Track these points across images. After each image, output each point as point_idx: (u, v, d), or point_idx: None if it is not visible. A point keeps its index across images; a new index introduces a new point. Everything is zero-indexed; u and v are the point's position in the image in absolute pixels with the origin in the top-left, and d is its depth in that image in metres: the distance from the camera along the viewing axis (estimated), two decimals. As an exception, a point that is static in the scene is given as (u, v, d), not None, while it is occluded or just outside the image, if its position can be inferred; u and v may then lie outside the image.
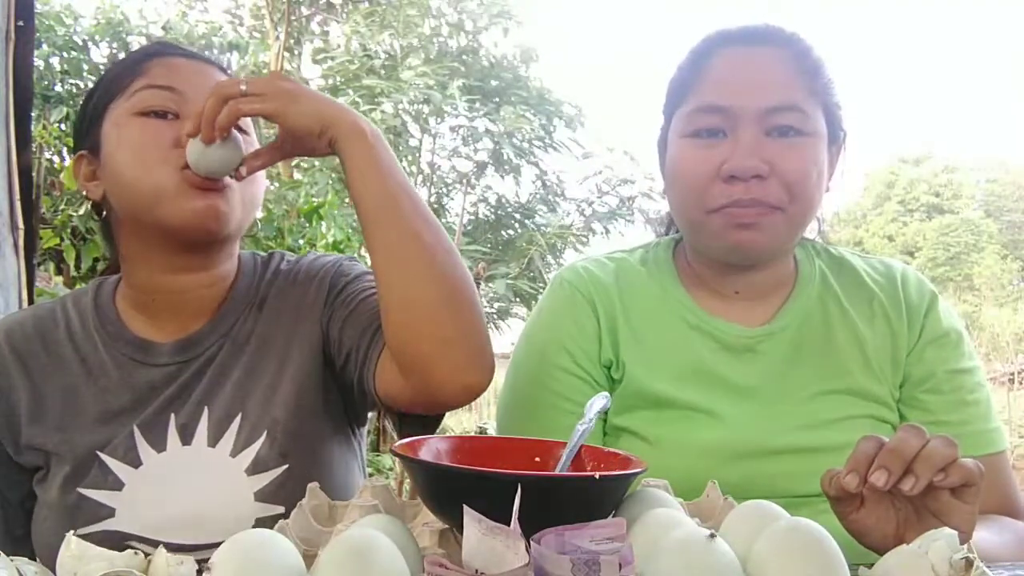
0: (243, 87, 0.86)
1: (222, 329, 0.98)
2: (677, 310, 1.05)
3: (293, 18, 6.85)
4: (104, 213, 1.00)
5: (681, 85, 1.02)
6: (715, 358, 1.02)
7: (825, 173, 1.00)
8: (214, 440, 0.92)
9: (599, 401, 0.78)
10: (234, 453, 0.92)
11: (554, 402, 1.02)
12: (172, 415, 0.93)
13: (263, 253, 1.09)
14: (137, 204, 0.92)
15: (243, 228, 0.99)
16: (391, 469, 4.70)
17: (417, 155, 6.76)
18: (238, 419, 0.93)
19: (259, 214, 1.08)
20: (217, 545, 0.51)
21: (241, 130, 0.95)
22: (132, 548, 0.54)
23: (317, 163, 6.30)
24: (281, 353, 0.97)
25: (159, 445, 0.92)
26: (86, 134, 0.97)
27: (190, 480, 0.91)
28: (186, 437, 0.92)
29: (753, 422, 0.98)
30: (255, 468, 0.91)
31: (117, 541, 0.86)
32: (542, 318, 1.09)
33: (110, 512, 0.90)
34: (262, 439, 0.92)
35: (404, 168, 0.94)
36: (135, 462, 0.91)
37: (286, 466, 0.91)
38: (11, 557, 0.54)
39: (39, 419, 0.94)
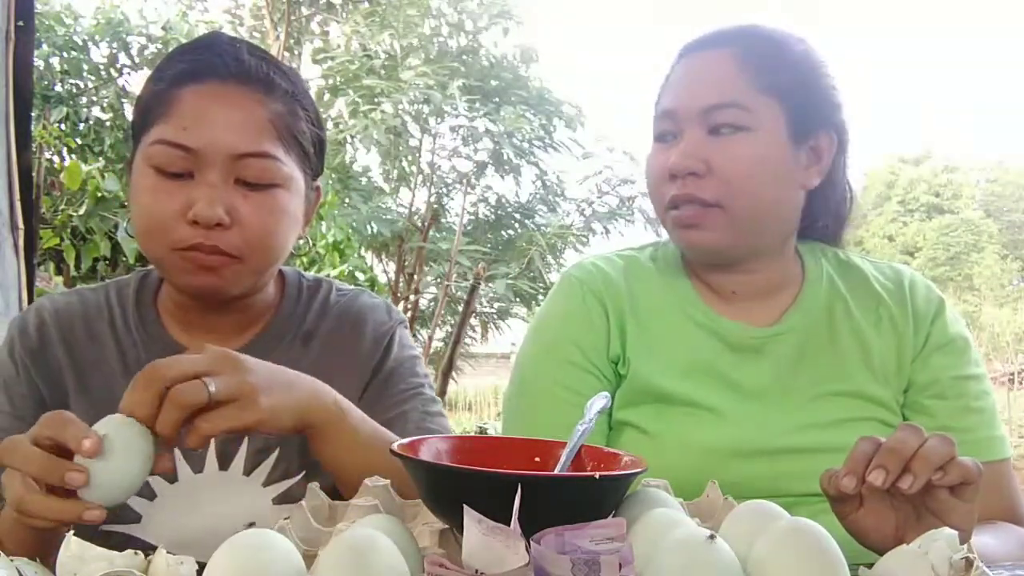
0: (212, 388, 0.70)
1: (259, 353, 0.97)
2: (684, 308, 1.06)
3: (293, 18, 6.85)
4: None
5: (657, 94, 1.08)
6: (720, 357, 1.03)
7: (786, 168, 0.99)
8: (249, 469, 0.93)
9: (599, 401, 0.78)
10: (267, 483, 0.94)
11: (564, 396, 1.02)
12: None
13: (310, 276, 1.07)
14: (146, 254, 0.92)
15: (262, 283, 0.97)
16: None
17: (417, 155, 6.76)
18: (275, 453, 0.94)
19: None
20: None
21: (274, 185, 0.90)
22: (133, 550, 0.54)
23: (317, 163, 6.28)
24: None
25: (197, 466, 0.93)
26: (131, 147, 0.94)
27: (218, 504, 0.92)
28: (224, 463, 0.93)
29: (755, 422, 0.98)
30: (283, 500, 0.93)
31: (135, 547, 0.88)
32: (551, 314, 1.09)
33: (136, 517, 0.91)
34: (297, 479, 0.94)
35: (404, 169, 0.92)
36: (171, 478, 0.92)
37: None
38: (11, 557, 0.54)
39: (82, 404, 0.94)
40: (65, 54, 5.31)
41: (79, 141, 4.95)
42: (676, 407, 1.00)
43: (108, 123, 5.15)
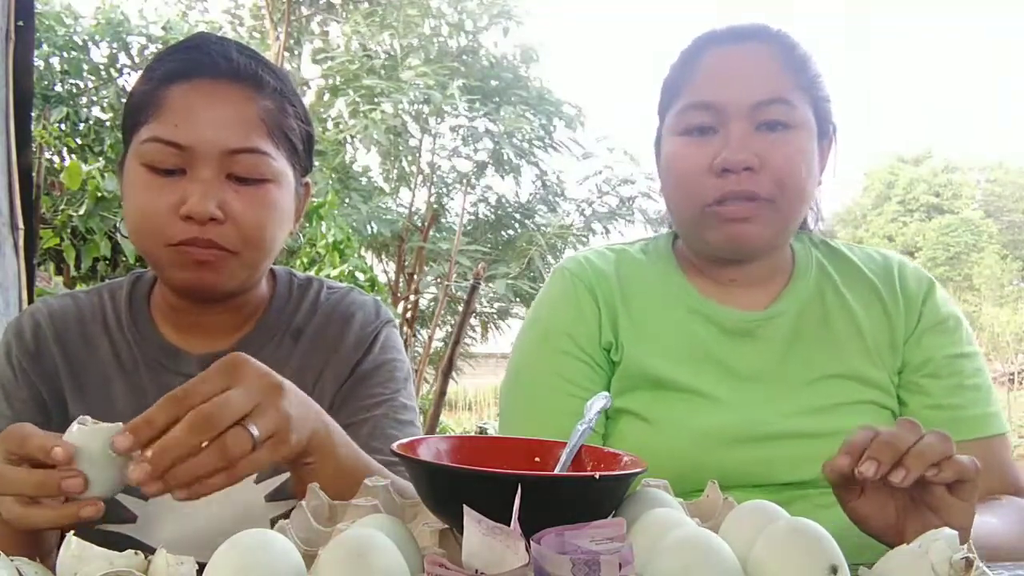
0: (255, 433, 0.67)
1: (250, 351, 0.97)
2: (677, 295, 1.07)
3: (293, 18, 6.84)
4: None
5: (672, 85, 1.05)
6: (714, 341, 1.04)
7: (816, 166, 1.02)
8: None
9: (599, 401, 0.78)
10: (259, 480, 0.94)
11: (558, 385, 1.04)
12: None
13: (301, 275, 1.07)
14: (140, 251, 0.92)
15: (255, 279, 0.97)
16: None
17: (417, 155, 6.74)
18: None
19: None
20: None
21: (265, 180, 0.91)
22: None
23: (317, 163, 6.29)
24: (309, 390, 0.97)
25: None
26: (123, 146, 0.95)
27: (213, 502, 0.91)
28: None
29: (751, 406, 0.99)
30: (276, 495, 0.93)
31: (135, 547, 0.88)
32: (544, 306, 1.11)
33: (132, 517, 0.91)
34: (289, 474, 0.92)
35: (404, 169, 0.93)
36: None
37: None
38: (11, 557, 0.54)
39: (84, 401, 0.95)
40: (65, 54, 5.30)
41: (79, 141, 4.94)
42: (672, 392, 1.01)
43: (108, 123, 5.14)
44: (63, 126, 4.91)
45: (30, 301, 2.00)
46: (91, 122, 5.17)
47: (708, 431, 0.98)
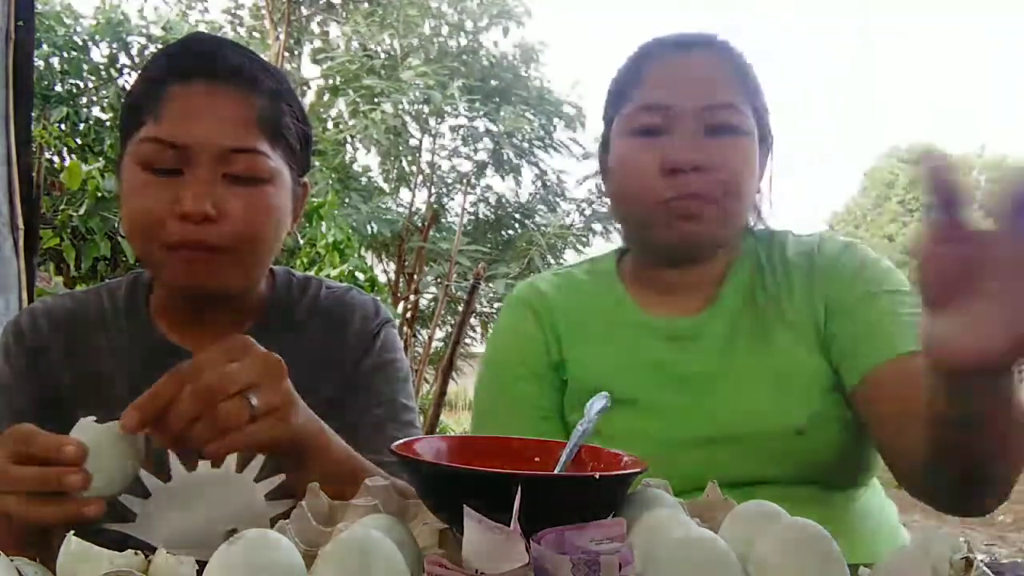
0: (254, 403, 0.69)
1: None
2: (618, 309, 1.09)
3: (293, 18, 6.84)
4: None
5: (621, 90, 1.07)
6: (659, 349, 1.05)
7: (757, 172, 1.04)
8: (242, 466, 0.94)
9: (599, 401, 0.78)
10: (258, 479, 0.94)
11: (513, 408, 1.08)
12: None
13: (299, 274, 1.07)
14: (136, 252, 0.92)
15: (252, 279, 0.97)
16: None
17: (417, 155, 6.74)
18: None
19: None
20: None
21: (262, 180, 0.91)
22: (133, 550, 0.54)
23: (317, 163, 6.30)
24: (311, 389, 0.98)
25: (190, 464, 0.93)
26: (120, 146, 0.95)
27: (212, 501, 0.92)
28: (217, 460, 0.93)
29: (697, 410, 1.00)
30: (275, 495, 0.93)
31: (135, 547, 0.89)
32: (495, 335, 1.16)
33: (132, 516, 0.91)
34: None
35: (404, 169, 0.93)
36: (165, 477, 0.92)
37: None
38: (11, 557, 0.54)
39: (83, 402, 0.94)
40: (65, 54, 5.29)
41: (79, 141, 4.93)
42: (621, 404, 1.01)
43: (108, 123, 5.13)
44: (63, 126, 4.91)
45: (30, 301, 2.00)
46: (91, 122, 5.16)
47: (661, 438, 0.99)
